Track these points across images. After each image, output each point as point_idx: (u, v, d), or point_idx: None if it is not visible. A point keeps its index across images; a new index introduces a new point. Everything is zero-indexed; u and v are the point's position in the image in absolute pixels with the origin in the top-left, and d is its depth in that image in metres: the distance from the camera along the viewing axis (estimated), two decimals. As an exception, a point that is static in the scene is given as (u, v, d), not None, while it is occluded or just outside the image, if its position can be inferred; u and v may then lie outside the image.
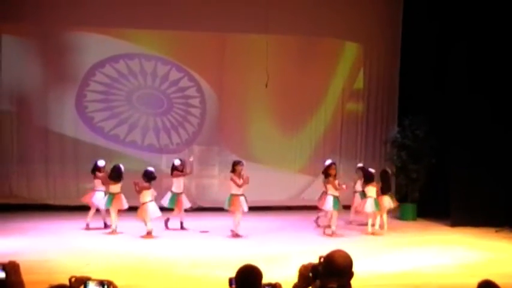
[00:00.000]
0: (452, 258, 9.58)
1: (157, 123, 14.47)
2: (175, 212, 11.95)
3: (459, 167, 12.68)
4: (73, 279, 3.61)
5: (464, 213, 12.51)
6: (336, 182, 11.59)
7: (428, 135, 13.57)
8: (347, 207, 12.64)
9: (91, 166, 12.23)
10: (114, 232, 11.27)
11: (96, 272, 3.80)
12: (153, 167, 13.81)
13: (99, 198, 11.77)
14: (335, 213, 11.53)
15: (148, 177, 11.27)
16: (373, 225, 11.74)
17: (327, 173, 11.80)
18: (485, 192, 12.39)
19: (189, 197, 12.69)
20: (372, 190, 11.80)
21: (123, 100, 14.30)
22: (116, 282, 3.63)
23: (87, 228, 11.71)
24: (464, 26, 12.73)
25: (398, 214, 13.52)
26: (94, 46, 13.98)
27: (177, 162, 12.20)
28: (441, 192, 12.97)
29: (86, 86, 14.09)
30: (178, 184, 12.06)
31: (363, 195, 12.10)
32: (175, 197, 11.86)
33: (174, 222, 11.89)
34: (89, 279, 3.59)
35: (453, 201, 12.75)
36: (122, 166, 11.64)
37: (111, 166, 11.80)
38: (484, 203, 12.34)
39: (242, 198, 11.18)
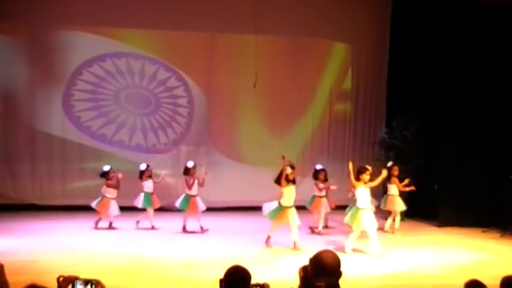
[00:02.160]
0: (440, 259, 9.62)
1: (145, 123, 14.43)
2: (189, 213, 11.85)
3: (447, 168, 12.77)
4: (61, 279, 3.59)
5: (451, 214, 12.61)
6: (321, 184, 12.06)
7: (416, 136, 13.64)
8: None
9: (78, 166, 12.18)
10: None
11: (84, 272, 3.77)
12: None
13: (113, 208, 11.88)
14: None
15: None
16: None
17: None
18: (473, 193, 12.49)
19: (176, 197, 12.63)
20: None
21: (111, 99, 14.24)
22: (105, 282, 3.61)
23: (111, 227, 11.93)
24: (452, 28, 12.85)
25: (386, 214, 13.55)
26: (81, 45, 13.90)
27: (190, 164, 11.92)
28: (429, 192, 13.03)
29: (73, 85, 14.01)
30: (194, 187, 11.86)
31: None
32: (188, 198, 11.74)
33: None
34: (76, 278, 3.57)
35: (441, 202, 12.84)
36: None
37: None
38: (471, 204, 12.43)
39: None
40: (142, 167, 12.20)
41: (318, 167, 12.38)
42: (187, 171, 11.84)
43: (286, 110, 14.94)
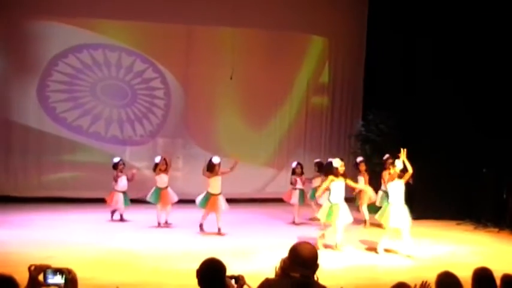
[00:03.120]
0: (415, 251, 9.70)
1: (121, 115, 14.35)
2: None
3: (422, 161, 12.88)
4: (32, 268, 3.57)
5: (426, 207, 12.71)
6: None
7: (392, 130, 13.73)
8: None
9: (54, 157, 12.07)
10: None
11: (59, 264, 3.75)
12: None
13: (119, 200, 11.73)
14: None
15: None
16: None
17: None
18: (447, 187, 12.62)
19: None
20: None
21: (87, 91, 14.14)
22: (80, 274, 3.59)
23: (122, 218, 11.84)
24: (429, 22, 12.95)
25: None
26: (57, 36, 13.78)
27: (216, 160, 11.35)
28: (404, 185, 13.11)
29: (48, 76, 13.88)
30: (215, 184, 11.31)
31: None
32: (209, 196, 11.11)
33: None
34: (48, 267, 3.55)
35: (415, 195, 12.95)
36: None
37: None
38: (445, 197, 12.58)
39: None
40: (157, 159, 11.66)
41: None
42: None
43: (263, 103, 14.96)
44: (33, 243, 9.45)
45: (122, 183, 11.80)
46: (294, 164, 12.36)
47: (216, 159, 11.07)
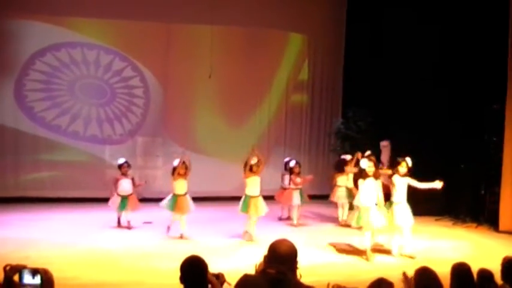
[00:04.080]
0: (394, 247, 9.75)
1: (100, 114, 14.24)
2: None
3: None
4: (8, 268, 3.53)
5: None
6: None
7: (371, 127, 13.80)
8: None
9: (31, 157, 11.88)
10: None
11: (37, 264, 3.72)
12: (96, 157, 13.65)
13: (115, 203, 10.97)
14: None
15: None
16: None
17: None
18: (425, 182, 12.70)
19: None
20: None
21: (65, 90, 14.00)
22: (59, 273, 3.56)
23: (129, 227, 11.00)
24: (407, 20, 13.05)
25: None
26: (34, 34, 13.60)
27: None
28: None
29: (25, 75, 13.72)
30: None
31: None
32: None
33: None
34: (24, 267, 3.52)
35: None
36: None
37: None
38: (424, 193, 12.63)
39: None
40: (176, 162, 10.61)
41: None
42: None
43: (243, 101, 14.95)
44: (10, 244, 9.36)
45: (123, 186, 10.99)
46: (293, 163, 11.92)
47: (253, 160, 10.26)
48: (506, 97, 11.56)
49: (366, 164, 9.16)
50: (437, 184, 9.30)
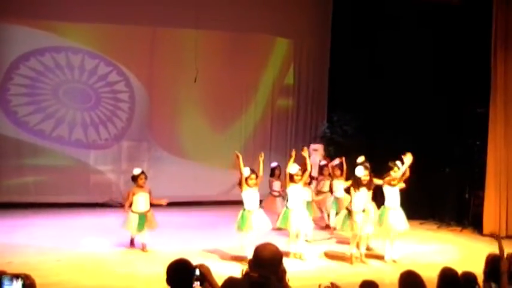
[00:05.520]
0: (387, 252, 9.75)
1: (85, 118, 14.15)
2: None
3: (385, 162, 12.99)
4: None
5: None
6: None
7: (357, 132, 13.84)
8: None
9: (15, 162, 11.76)
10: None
11: (20, 270, 3.69)
12: (81, 162, 13.54)
13: (132, 221, 9.42)
14: None
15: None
16: None
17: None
18: (410, 187, 12.74)
19: (118, 193, 12.44)
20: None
21: (49, 94, 13.89)
22: (42, 279, 3.54)
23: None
24: (393, 24, 13.14)
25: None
26: (18, 38, 13.49)
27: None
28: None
29: (9, 80, 13.60)
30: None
31: None
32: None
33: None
34: (4, 273, 3.49)
35: (379, 196, 13.06)
36: None
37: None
38: (409, 197, 12.66)
39: None
40: (247, 172, 9.04)
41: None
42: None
43: (228, 105, 14.95)
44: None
45: (140, 201, 9.45)
46: (274, 165, 11.60)
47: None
48: (490, 101, 11.67)
49: (362, 173, 8.91)
50: (408, 157, 9.16)
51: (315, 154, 12.80)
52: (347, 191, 9.54)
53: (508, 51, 11.54)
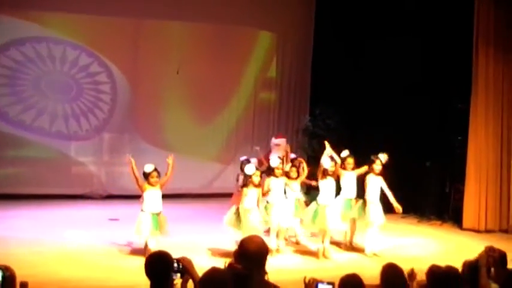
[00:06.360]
0: (367, 245, 9.80)
1: (66, 109, 14.01)
2: None
3: (366, 155, 13.07)
4: None
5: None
6: None
7: (339, 125, 13.86)
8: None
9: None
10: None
11: (1, 262, 3.67)
12: (62, 154, 13.42)
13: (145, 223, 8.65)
14: None
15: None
16: None
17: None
18: (392, 181, 12.82)
19: (99, 185, 12.38)
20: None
21: (30, 85, 13.73)
22: (24, 270, 3.51)
23: None
24: (376, 18, 13.19)
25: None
26: (-3, 27, 13.36)
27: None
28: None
29: (-13, 70, 13.45)
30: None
31: None
32: None
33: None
34: None
35: (359, 189, 13.13)
36: None
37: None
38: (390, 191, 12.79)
39: None
40: (250, 169, 8.86)
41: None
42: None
43: (211, 98, 14.90)
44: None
45: (151, 200, 8.74)
46: (243, 158, 10.67)
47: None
48: (471, 97, 11.78)
49: (329, 164, 9.20)
50: (398, 208, 9.59)
51: (276, 149, 11.49)
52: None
53: (490, 47, 11.65)
